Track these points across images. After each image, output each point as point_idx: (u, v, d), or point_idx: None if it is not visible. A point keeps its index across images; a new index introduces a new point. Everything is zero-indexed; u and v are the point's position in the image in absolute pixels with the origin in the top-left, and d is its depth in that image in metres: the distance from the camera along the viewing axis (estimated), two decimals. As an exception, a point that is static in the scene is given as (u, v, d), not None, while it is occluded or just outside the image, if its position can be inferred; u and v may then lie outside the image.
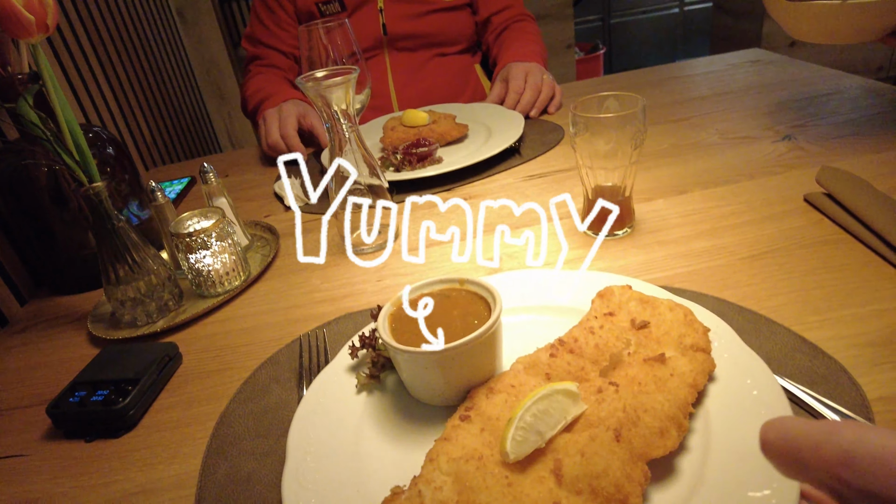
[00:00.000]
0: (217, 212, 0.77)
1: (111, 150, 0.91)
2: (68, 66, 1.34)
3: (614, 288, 0.54)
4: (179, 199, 1.14)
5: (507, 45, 1.38)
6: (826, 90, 1.09)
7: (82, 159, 0.68)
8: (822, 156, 0.85)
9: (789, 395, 0.47)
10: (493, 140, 1.08)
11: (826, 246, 0.66)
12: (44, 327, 0.80)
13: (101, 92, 1.44)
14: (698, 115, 1.07)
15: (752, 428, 0.40)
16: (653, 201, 0.81)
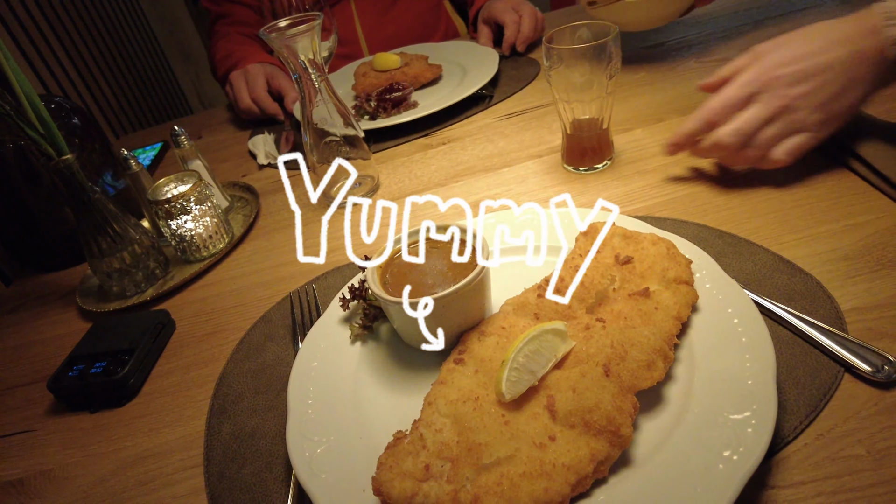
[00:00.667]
0: (193, 175, 0.76)
1: (77, 121, 0.88)
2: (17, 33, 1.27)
3: (597, 224, 0.54)
4: (154, 165, 1.12)
5: None
6: (801, 4, 1.07)
7: (47, 132, 0.66)
8: (798, 73, 0.85)
9: (769, 314, 0.49)
10: (468, 79, 1.05)
11: (801, 165, 0.66)
12: (33, 305, 0.80)
13: (57, 59, 1.38)
14: (674, 40, 1.05)
15: (734, 356, 0.42)
16: (631, 131, 0.81)
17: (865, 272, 0.51)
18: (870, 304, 0.48)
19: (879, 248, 0.53)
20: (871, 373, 0.42)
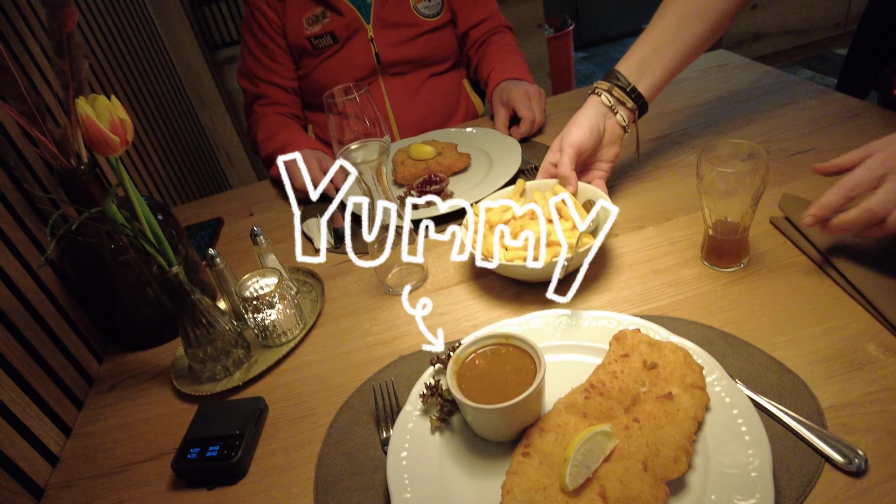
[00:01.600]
0: (274, 272, 0.89)
1: (160, 217, 1.02)
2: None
3: (627, 332, 0.68)
4: (212, 243, 1.25)
5: (492, 60, 1.48)
6: (786, 99, 1.22)
7: (160, 248, 0.80)
8: (785, 174, 0.99)
9: (765, 411, 0.62)
10: (495, 166, 1.20)
11: (789, 269, 0.80)
12: (129, 384, 0.92)
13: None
14: (676, 132, 1.20)
15: (739, 450, 0.55)
16: (643, 229, 0.95)
17: (841, 373, 0.65)
18: (844, 402, 0.62)
19: (851, 351, 0.67)
20: (845, 464, 0.55)
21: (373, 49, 1.47)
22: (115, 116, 0.71)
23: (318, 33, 1.46)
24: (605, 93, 0.95)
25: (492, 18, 1.57)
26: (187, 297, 0.82)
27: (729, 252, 0.82)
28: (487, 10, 1.56)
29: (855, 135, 1.05)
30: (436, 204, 1.12)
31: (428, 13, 1.49)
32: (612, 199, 1.03)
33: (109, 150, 0.72)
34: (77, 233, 0.92)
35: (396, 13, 1.46)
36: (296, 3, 1.45)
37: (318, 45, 1.47)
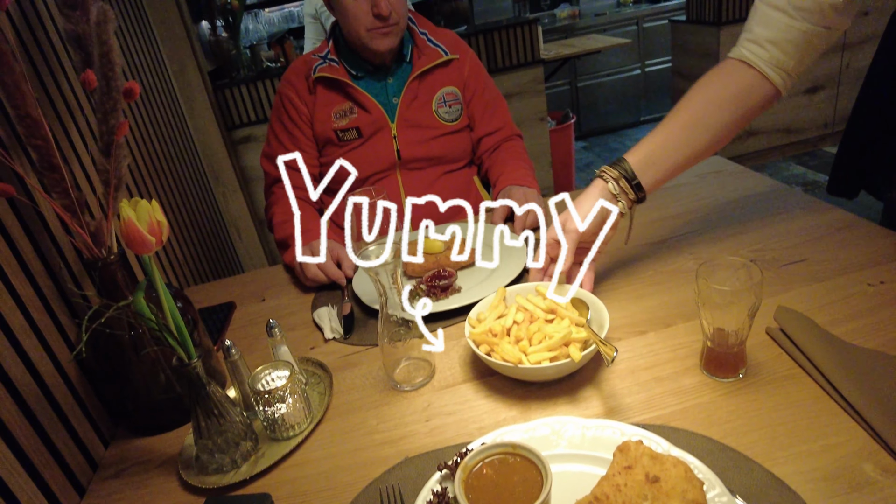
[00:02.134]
0: (287, 366, 0.92)
1: (179, 304, 1.06)
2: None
3: (630, 443, 0.70)
4: (223, 327, 1.28)
5: (502, 167, 1.59)
6: (778, 209, 1.29)
7: (182, 340, 0.83)
8: (778, 284, 1.04)
9: (767, 532, 0.63)
10: (501, 265, 1.25)
11: (786, 382, 0.83)
12: (134, 472, 0.93)
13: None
14: (674, 238, 1.26)
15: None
16: (645, 335, 0.98)
17: (840, 493, 0.66)
18: (844, 526, 0.63)
19: (850, 470, 0.69)
20: (847, 593, 0.56)
21: (395, 145, 1.57)
22: (154, 218, 0.77)
23: (344, 127, 1.56)
24: (612, 181, 1.02)
25: (505, 128, 1.69)
26: (203, 388, 0.85)
27: (727, 363, 0.85)
28: (501, 121, 1.69)
29: (845, 247, 1.11)
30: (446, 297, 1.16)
31: (448, 118, 1.61)
32: (615, 301, 1.08)
33: (145, 249, 0.77)
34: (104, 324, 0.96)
35: (419, 116, 1.57)
36: (326, 96, 1.56)
37: (344, 137, 1.57)
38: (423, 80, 1.59)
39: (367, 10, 1.43)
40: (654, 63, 5.34)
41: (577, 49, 3.97)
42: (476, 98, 1.66)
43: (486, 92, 1.68)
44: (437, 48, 1.60)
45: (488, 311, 1.00)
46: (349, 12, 1.44)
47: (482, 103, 1.67)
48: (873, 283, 0.99)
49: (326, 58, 1.56)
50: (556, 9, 5.61)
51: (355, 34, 1.48)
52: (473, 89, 1.65)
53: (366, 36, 1.47)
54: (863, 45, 3.95)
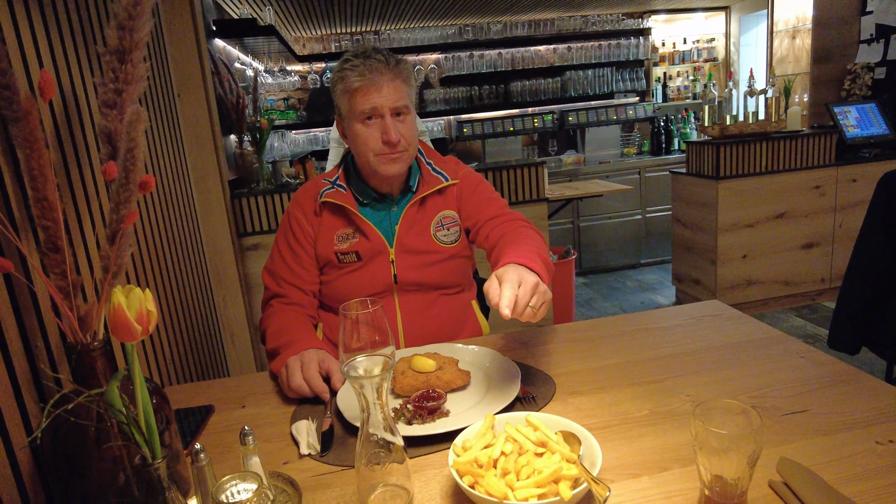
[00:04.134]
0: (256, 478, 0.86)
1: (155, 401, 1.01)
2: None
3: None
4: (199, 430, 1.22)
5: (508, 246, 1.43)
6: (776, 355, 1.27)
7: (150, 438, 0.78)
8: (778, 434, 0.99)
9: None
10: (493, 389, 1.21)
11: (790, 539, 0.76)
12: (68, 588, 0.83)
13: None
14: (670, 378, 1.23)
15: None
16: (639, 478, 0.92)
17: None
18: None
19: None
20: None
21: (392, 270, 1.59)
22: (144, 307, 0.76)
23: (345, 250, 1.59)
24: None
25: (505, 214, 1.60)
26: (162, 493, 0.79)
27: (726, 515, 0.79)
28: (499, 209, 1.62)
29: (849, 400, 1.07)
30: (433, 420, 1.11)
31: (446, 241, 1.64)
32: (607, 441, 1.03)
33: (130, 337, 0.75)
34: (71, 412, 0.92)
35: (418, 241, 1.60)
36: (331, 220, 1.61)
37: (344, 259, 1.59)
38: (421, 205, 1.64)
39: (378, 137, 1.51)
40: (655, 210, 5.57)
41: (580, 192, 4.17)
42: (472, 201, 1.63)
43: (479, 190, 1.65)
44: (439, 176, 1.66)
45: (475, 440, 0.95)
46: (360, 138, 1.53)
47: (477, 200, 1.63)
48: (882, 442, 0.95)
49: (335, 183, 1.64)
50: (562, 154, 5.98)
51: (364, 159, 1.56)
52: (468, 196, 1.64)
53: (374, 161, 1.54)
54: (854, 207, 4.14)
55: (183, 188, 2.39)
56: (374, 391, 0.87)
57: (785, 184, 4.11)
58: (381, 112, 1.50)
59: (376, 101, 1.49)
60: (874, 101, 4.37)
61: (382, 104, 1.49)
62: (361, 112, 1.50)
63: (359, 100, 1.50)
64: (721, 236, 4.08)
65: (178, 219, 2.22)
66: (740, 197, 4.05)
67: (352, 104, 1.51)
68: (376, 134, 1.52)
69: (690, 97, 6.42)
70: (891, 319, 1.80)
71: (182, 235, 2.24)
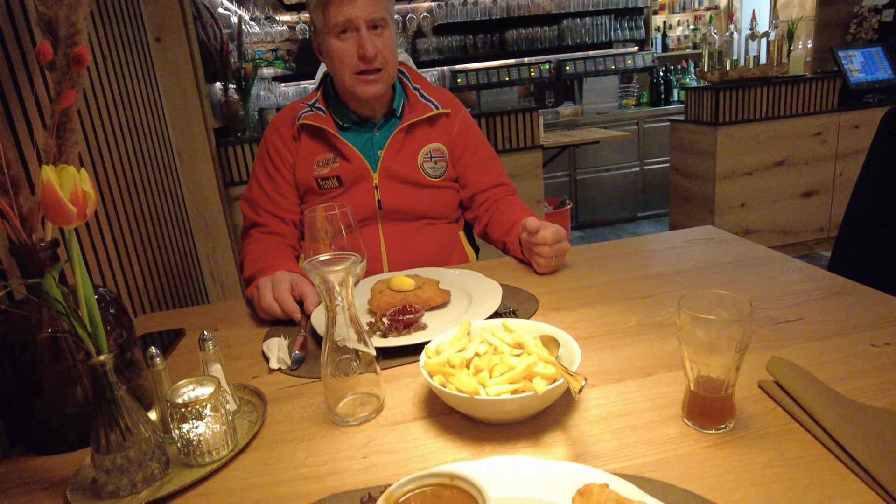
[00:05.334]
0: (213, 381, 0.81)
1: (112, 310, 0.96)
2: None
3: (593, 486, 0.58)
4: (168, 351, 1.17)
5: (509, 209, 1.51)
6: (772, 273, 1.22)
7: (94, 331, 0.73)
8: (771, 340, 0.94)
9: None
10: (474, 305, 1.16)
11: (781, 437, 0.72)
12: (18, 492, 0.79)
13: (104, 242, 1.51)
14: (660, 293, 1.18)
15: None
16: (622, 382, 0.87)
17: (848, 565, 0.54)
18: None
19: (858, 539, 0.56)
20: None
21: (376, 196, 1.52)
22: (79, 188, 0.69)
23: (325, 175, 1.52)
24: None
25: (502, 185, 1.63)
26: (109, 391, 0.73)
27: (713, 411, 0.74)
28: (496, 177, 1.63)
29: (845, 309, 1.02)
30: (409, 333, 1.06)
31: (433, 174, 1.57)
32: (590, 350, 0.98)
33: (65, 219, 0.69)
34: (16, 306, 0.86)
35: (403, 169, 1.53)
36: (310, 145, 1.53)
37: (324, 185, 1.52)
38: (409, 133, 1.56)
39: (353, 53, 1.42)
40: (653, 162, 5.47)
41: (576, 139, 4.07)
42: (467, 156, 1.62)
43: (478, 150, 1.64)
44: (428, 103, 1.59)
45: (449, 344, 0.90)
46: (335, 54, 1.44)
47: (475, 160, 1.62)
48: (878, 345, 0.90)
49: (314, 106, 1.55)
50: (559, 106, 5.84)
51: (341, 78, 1.47)
52: (464, 147, 1.61)
53: (351, 82, 1.45)
54: (855, 155, 4.05)
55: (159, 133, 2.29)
56: (338, 289, 0.82)
57: (785, 130, 4.00)
58: (357, 24, 1.41)
59: (350, 13, 1.39)
60: (880, 45, 4.23)
61: (357, 15, 1.40)
62: (335, 25, 1.41)
63: (333, 11, 1.40)
64: (719, 185, 4.00)
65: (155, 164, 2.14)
66: (739, 144, 3.95)
67: (326, 16, 1.42)
68: (352, 49, 1.42)
69: (691, 47, 6.23)
70: (890, 261, 1.74)
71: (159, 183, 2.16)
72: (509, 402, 0.74)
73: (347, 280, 0.81)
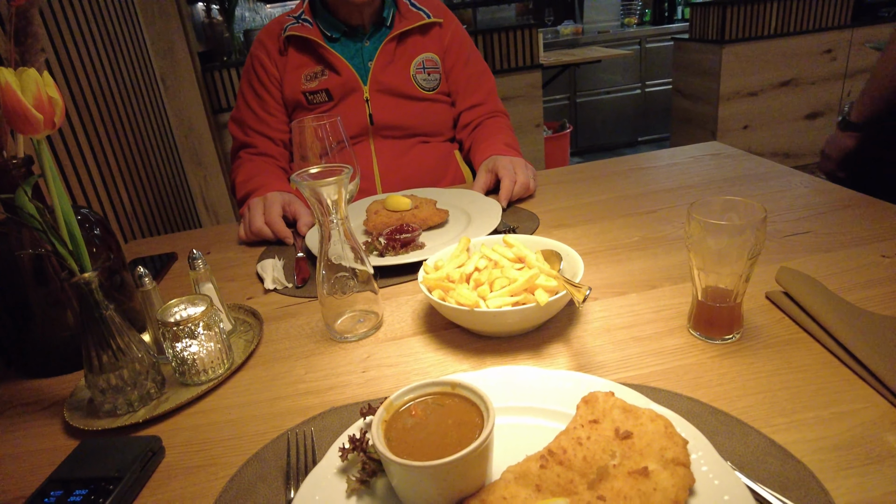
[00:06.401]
0: (205, 299, 0.78)
1: (97, 231, 0.92)
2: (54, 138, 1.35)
3: (598, 394, 0.57)
4: (160, 275, 1.14)
5: (483, 140, 1.46)
6: (779, 187, 1.18)
7: (75, 249, 0.69)
8: (779, 252, 0.92)
9: (764, 502, 0.49)
10: (473, 224, 1.12)
11: (788, 346, 0.70)
12: (16, 413, 0.78)
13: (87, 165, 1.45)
14: (664, 208, 1.14)
15: (733, 544, 0.42)
16: (626, 295, 0.85)
17: (857, 465, 0.53)
18: (864, 501, 0.49)
19: (868, 439, 0.55)
20: (868, 579, 0.42)
21: (367, 110, 1.45)
22: (44, 93, 0.64)
23: (314, 89, 1.44)
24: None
25: (487, 104, 1.56)
26: (97, 310, 0.71)
27: (720, 321, 0.72)
28: (483, 96, 1.55)
29: (854, 222, 0.99)
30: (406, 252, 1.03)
31: (426, 86, 1.49)
32: (593, 265, 0.95)
33: (30, 128, 0.64)
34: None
35: (395, 81, 1.45)
36: (297, 58, 1.44)
37: (313, 100, 1.45)
38: (401, 43, 1.47)
39: None
40: (655, 84, 5.30)
41: (576, 57, 3.91)
42: (458, 68, 1.53)
43: (470, 63, 1.55)
44: (419, 11, 1.49)
45: (448, 261, 0.87)
46: None
47: (465, 75, 1.54)
48: (888, 255, 0.87)
49: (300, 18, 1.45)
50: (558, 25, 5.59)
51: None
52: (455, 58, 1.53)
53: None
54: (865, 74, 3.91)
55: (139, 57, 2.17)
56: (330, 203, 0.78)
57: (794, 48, 3.84)
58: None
59: None
60: (899, -47, 3.99)
61: None
62: None
63: None
64: (722, 106, 3.89)
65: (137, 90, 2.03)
66: (745, 63, 3.81)
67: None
68: None
69: (698, -40, 5.89)
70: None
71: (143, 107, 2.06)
72: (510, 313, 0.72)
73: (340, 193, 0.77)
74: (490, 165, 1.32)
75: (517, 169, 1.27)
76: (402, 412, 0.54)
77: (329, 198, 0.77)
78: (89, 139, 1.49)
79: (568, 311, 0.82)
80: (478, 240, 0.91)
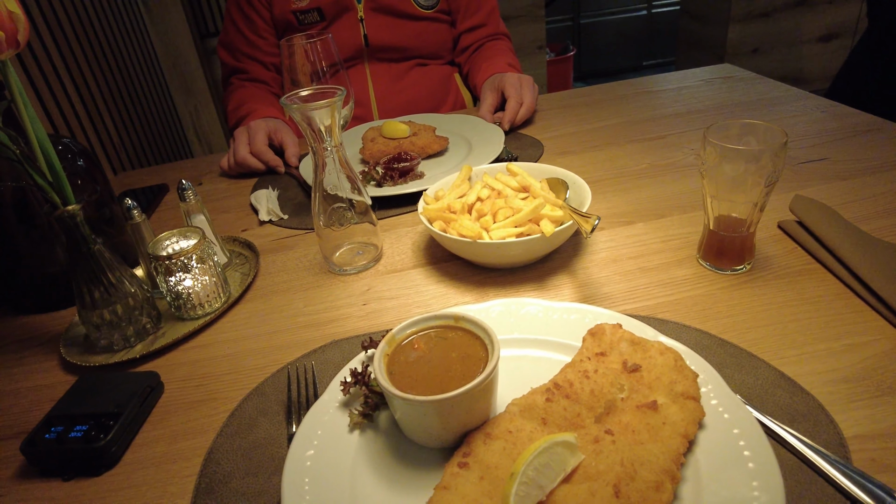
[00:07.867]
0: (197, 232, 0.75)
1: (81, 162, 0.88)
2: (30, 66, 1.28)
3: (605, 326, 0.55)
4: (151, 208, 1.11)
5: (486, 60, 1.39)
6: (794, 111, 1.12)
7: (55, 180, 0.66)
8: (794, 181, 0.88)
9: (773, 435, 0.49)
10: (474, 152, 1.08)
11: (800, 276, 0.68)
12: (12, 349, 0.77)
13: (67, 94, 1.38)
14: (674, 134, 1.09)
15: (741, 483, 0.42)
16: (633, 224, 0.83)
17: (867, 397, 0.52)
18: (873, 433, 0.49)
19: (879, 372, 0.54)
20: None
21: (362, 30, 1.36)
22: (3, 8, 0.58)
23: (304, 8, 1.35)
24: None
25: (488, 25, 1.47)
26: (84, 244, 0.68)
27: (731, 251, 0.70)
28: (484, 17, 1.46)
29: (871, 148, 0.95)
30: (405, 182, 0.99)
31: (425, 3, 1.39)
32: (598, 193, 0.92)
33: (-6, 47, 0.58)
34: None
35: None
36: None
37: (304, 20, 1.36)
38: None
39: None
40: (662, 4, 5.04)
41: (582, -25, 3.68)
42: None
43: None
44: None
45: (449, 190, 0.83)
46: None
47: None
48: (907, 182, 0.84)
49: None
50: (563, -61, 5.24)
51: None
52: None
53: None
54: (885, -10, 3.71)
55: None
56: (323, 129, 0.73)
57: (811, -38, 3.62)
58: None
59: None
60: None
61: None
62: None
63: None
64: (732, 28, 3.71)
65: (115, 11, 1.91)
66: (759, -21, 3.60)
67: None
68: None
69: None
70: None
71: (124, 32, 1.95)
72: (514, 245, 0.69)
73: (333, 118, 0.72)
74: (496, 83, 1.26)
75: (524, 89, 1.21)
76: (405, 345, 0.53)
77: (321, 123, 0.73)
78: (68, 66, 1.41)
79: (573, 241, 0.80)
80: (480, 168, 0.87)
